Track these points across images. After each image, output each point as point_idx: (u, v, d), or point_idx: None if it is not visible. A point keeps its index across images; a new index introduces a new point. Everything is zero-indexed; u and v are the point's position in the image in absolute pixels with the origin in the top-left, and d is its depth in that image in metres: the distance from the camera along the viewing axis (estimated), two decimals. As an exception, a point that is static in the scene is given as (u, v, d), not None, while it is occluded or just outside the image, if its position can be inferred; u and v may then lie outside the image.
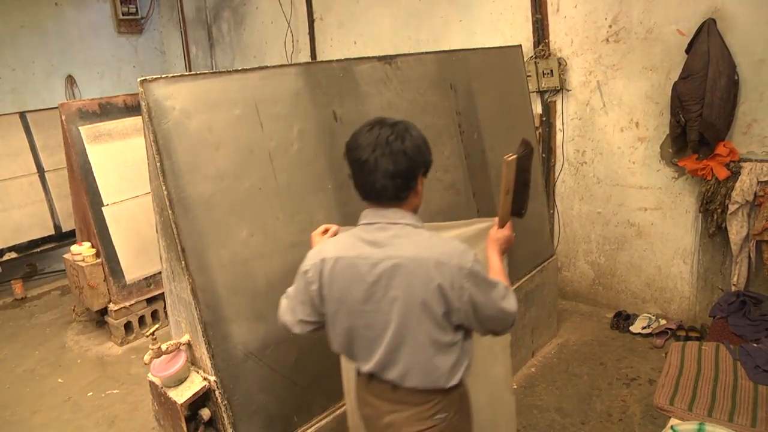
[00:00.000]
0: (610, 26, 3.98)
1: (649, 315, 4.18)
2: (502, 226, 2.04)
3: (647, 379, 3.56)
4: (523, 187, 2.03)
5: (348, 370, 2.22)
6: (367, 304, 1.68)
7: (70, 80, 7.07)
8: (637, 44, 3.88)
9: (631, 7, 3.85)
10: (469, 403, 1.90)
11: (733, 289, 3.66)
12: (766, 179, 3.43)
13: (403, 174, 1.66)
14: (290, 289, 1.85)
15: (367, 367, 1.75)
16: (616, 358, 3.85)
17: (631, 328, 4.12)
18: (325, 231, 2.04)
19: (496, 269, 1.88)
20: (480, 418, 2.03)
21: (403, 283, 1.62)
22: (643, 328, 4.07)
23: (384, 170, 1.64)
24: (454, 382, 1.72)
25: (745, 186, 3.46)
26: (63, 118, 4.37)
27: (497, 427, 2.36)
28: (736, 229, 3.57)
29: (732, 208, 3.54)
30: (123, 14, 7.40)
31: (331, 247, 1.75)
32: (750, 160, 3.51)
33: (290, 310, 1.83)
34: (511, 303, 1.70)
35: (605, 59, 4.07)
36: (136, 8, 7.56)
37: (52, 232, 6.05)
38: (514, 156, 1.95)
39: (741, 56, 3.44)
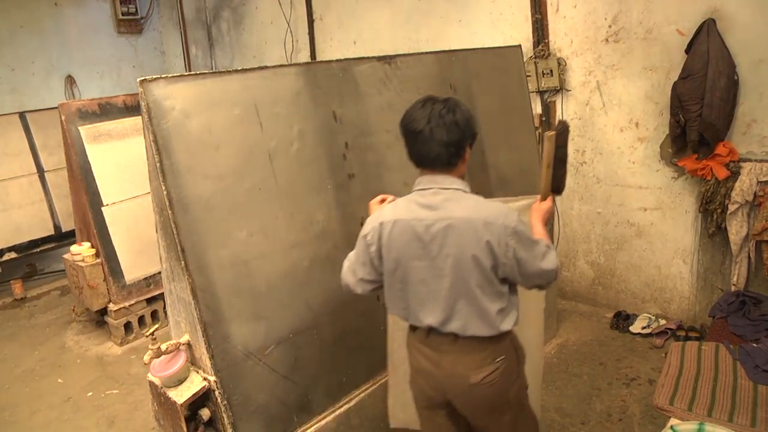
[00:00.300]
0: (610, 26, 3.98)
1: (648, 315, 4.18)
2: (543, 199, 2.21)
3: (647, 379, 3.56)
4: (561, 163, 2.17)
5: (394, 331, 2.41)
6: (422, 261, 1.87)
7: (70, 80, 7.07)
8: (637, 44, 3.88)
9: (630, 7, 3.85)
10: (522, 349, 2.08)
11: (733, 289, 3.66)
12: (765, 179, 3.43)
13: (455, 143, 1.86)
14: (351, 253, 2.05)
15: (427, 321, 1.92)
16: (615, 358, 3.85)
17: (630, 328, 4.12)
18: (382, 200, 2.20)
19: (539, 233, 2.05)
20: None
21: (455, 241, 1.82)
22: (643, 328, 4.07)
23: (438, 140, 1.84)
24: (506, 327, 1.91)
25: (744, 186, 3.46)
26: (62, 118, 4.37)
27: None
28: (736, 229, 3.57)
29: (732, 208, 3.54)
30: (123, 14, 7.40)
31: (389, 211, 1.94)
32: (750, 160, 3.51)
33: (351, 272, 2.03)
34: (551, 260, 1.87)
35: (605, 59, 4.07)
36: (136, 8, 7.56)
37: (51, 232, 6.05)
38: (554, 132, 2.11)
39: (741, 56, 3.44)
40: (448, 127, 1.84)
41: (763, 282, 3.60)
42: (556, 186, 2.19)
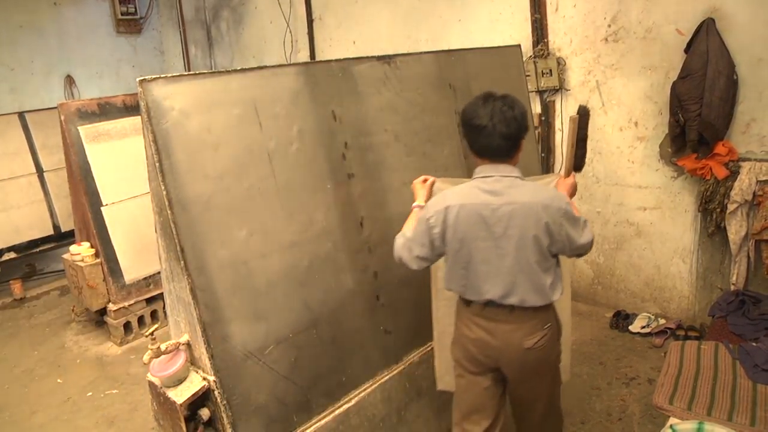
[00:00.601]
0: (609, 26, 3.98)
1: (648, 314, 4.19)
2: (567, 176, 2.44)
3: (646, 379, 3.57)
4: (581, 143, 2.34)
5: (438, 301, 2.65)
6: (487, 241, 2.08)
7: (69, 80, 7.07)
8: (636, 44, 3.88)
9: (630, 7, 3.85)
10: (558, 316, 2.33)
11: (732, 288, 3.66)
12: (765, 178, 3.43)
13: (513, 136, 2.09)
14: (408, 232, 2.23)
15: (488, 296, 2.14)
16: (615, 357, 3.85)
17: (630, 327, 4.12)
18: (425, 180, 2.47)
19: (575, 209, 2.23)
20: None
21: (519, 223, 2.05)
22: (643, 327, 4.08)
23: (500, 133, 2.06)
24: (555, 297, 2.16)
25: (744, 185, 3.47)
26: (62, 118, 4.37)
27: None
28: (735, 229, 3.57)
29: (731, 207, 3.54)
30: (122, 14, 7.41)
31: (454, 196, 2.12)
32: (749, 160, 3.52)
33: (408, 249, 2.21)
34: (590, 233, 2.17)
35: (604, 59, 4.07)
36: (135, 8, 7.56)
37: (51, 232, 6.05)
38: (577, 115, 2.33)
39: (740, 56, 3.44)
40: (509, 122, 2.06)
41: (763, 281, 3.60)
42: (578, 164, 2.37)
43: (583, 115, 2.31)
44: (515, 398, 2.39)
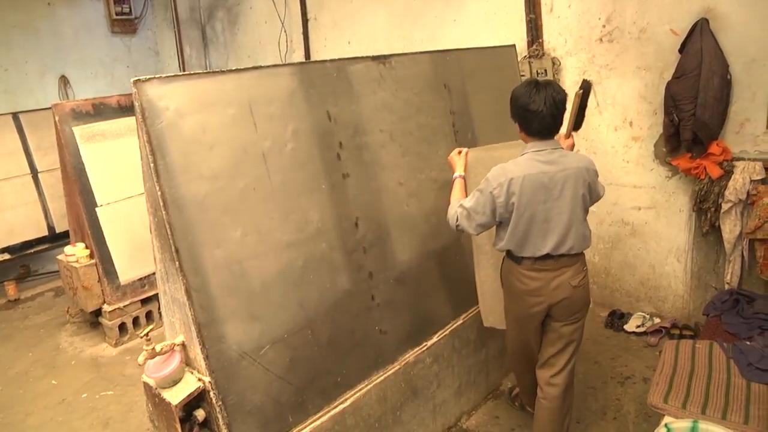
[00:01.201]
0: (604, 26, 3.99)
1: (643, 314, 4.20)
2: (567, 137, 2.88)
3: (642, 378, 3.58)
4: (581, 111, 2.88)
5: (478, 255, 2.94)
6: (546, 203, 2.46)
7: (64, 80, 7.05)
8: (631, 44, 3.89)
9: (624, 7, 3.86)
10: None
11: (727, 287, 3.67)
12: (758, 178, 3.44)
13: (559, 116, 2.48)
14: (466, 202, 2.52)
15: (545, 250, 2.52)
16: (610, 356, 3.86)
17: (625, 326, 4.14)
18: (459, 152, 2.84)
19: None
20: None
21: (571, 185, 2.47)
22: (638, 326, 4.09)
23: (551, 115, 2.44)
24: (590, 243, 2.64)
25: (738, 185, 3.48)
26: (56, 118, 4.36)
27: None
28: (730, 228, 3.58)
29: (725, 206, 3.55)
30: (116, 14, 7.39)
31: (515, 168, 2.45)
32: (743, 159, 3.53)
33: (467, 218, 2.52)
34: (602, 186, 2.74)
35: (599, 59, 4.08)
36: (130, 8, 7.55)
37: (45, 233, 6.03)
38: (581, 91, 2.80)
39: (733, 56, 3.46)
40: (557, 105, 2.44)
41: (757, 280, 3.62)
42: (577, 126, 2.93)
43: (586, 90, 2.81)
44: (554, 339, 2.73)
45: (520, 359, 2.92)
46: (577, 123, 2.92)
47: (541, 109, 2.42)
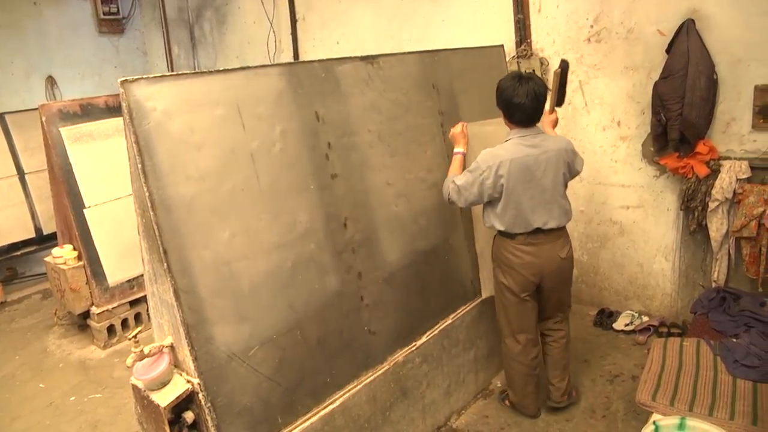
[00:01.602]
0: (592, 26, 4.01)
1: (631, 312, 4.22)
2: (551, 112, 3.14)
3: (630, 376, 3.60)
4: (562, 88, 3.15)
5: (478, 232, 3.29)
6: (531, 183, 2.76)
7: (51, 81, 6.99)
8: (619, 44, 3.92)
9: (612, 8, 3.88)
10: None
11: (714, 285, 3.70)
12: (744, 177, 3.47)
13: (539, 107, 2.78)
14: (459, 180, 2.80)
15: (535, 225, 2.83)
16: (599, 355, 3.88)
17: (614, 325, 4.16)
18: (461, 128, 3.03)
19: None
20: None
21: (552, 165, 2.80)
22: (626, 325, 4.11)
23: (532, 107, 2.73)
24: (571, 216, 2.97)
25: (724, 184, 3.51)
26: (43, 119, 4.32)
27: None
28: (717, 227, 3.61)
29: (712, 205, 3.58)
30: (104, 14, 7.32)
31: (504, 152, 2.74)
32: (729, 158, 3.56)
33: (458, 193, 2.81)
34: (582, 160, 3.06)
35: (587, 59, 4.10)
36: (118, 8, 7.49)
37: (32, 234, 5.98)
38: (559, 69, 3.11)
39: (719, 56, 3.49)
40: (538, 98, 2.73)
41: (743, 278, 3.65)
42: (559, 102, 3.20)
43: (564, 69, 3.12)
44: (549, 303, 3.11)
45: (521, 330, 3.09)
46: (559, 99, 3.20)
47: (524, 102, 2.71)
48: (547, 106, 3.00)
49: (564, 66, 3.15)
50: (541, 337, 3.25)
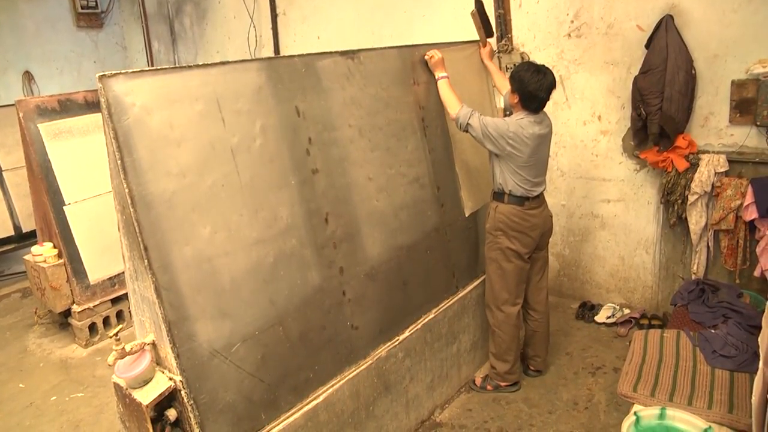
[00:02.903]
0: (572, 21, 4.04)
1: (613, 305, 4.26)
2: (484, 45, 3.63)
3: (612, 368, 3.64)
4: (486, 22, 3.53)
5: (459, 162, 3.47)
6: (538, 154, 3.12)
7: (28, 76, 6.89)
8: (599, 39, 3.95)
9: (592, 3, 3.91)
10: None
11: (693, 277, 3.75)
12: (722, 170, 3.52)
13: (549, 97, 3.07)
14: (486, 118, 3.07)
15: (536, 192, 3.18)
16: (581, 347, 3.92)
17: (595, 318, 4.20)
18: (433, 57, 3.21)
19: (498, 72, 3.72)
20: None
21: (548, 138, 3.18)
22: (608, 317, 4.15)
23: (547, 98, 3.04)
24: None
25: (703, 177, 3.55)
26: (20, 115, 4.26)
27: None
28: (696, 219, 3.66)
29: (691, 198, 3.63)
30: (82, 8, 7.22)
31: (524, 126, 3.03)
32: (708, 152, 3.60)
33: (480, 126, 3.07)
34: None
35: (567, 54, 4.12)
36: (96, 2, 7.39)
37: (11, 233, 5.89)
38: (474, 10, 3.48)
39: (697, 51, 3.53)
40: (551, 87, 3.02)
41: (721, 270, 3.71)
42: (489, 32, 3.57)
43: (479, 9, 3.49)
44: (540, 261, 3.44)
45: (519, 293, 3.36)
46: (488, 32, 3.56)
47: (544, 96, 3.01)
48: (481, 41, 3.56)
49: (478, 6, 3.48)
50: (531, 314, 3.54)
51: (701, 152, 3.63)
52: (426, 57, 3.22)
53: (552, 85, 3.01)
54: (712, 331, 2.96)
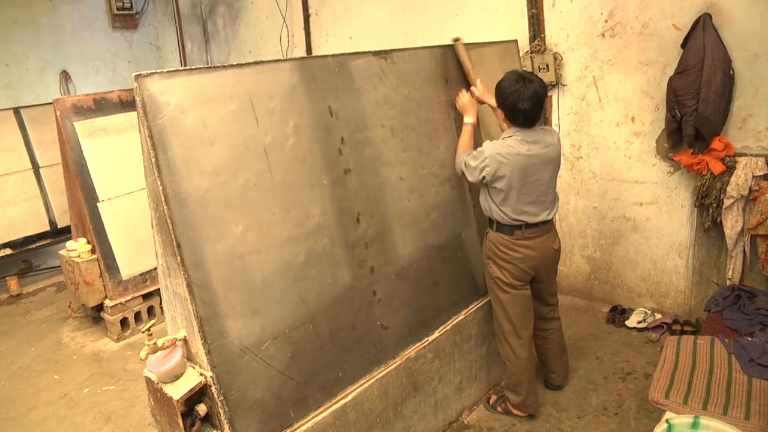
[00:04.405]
0: (606, 21, 3.98)
1: (644, 309, 4.20)
2: (474, 84, 3.15)
3: (643, 374, 3.58)
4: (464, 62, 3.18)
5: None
6: (530, 179, 2.81)
7: (65, 75, 7.06)
8: (633, 39, 3.88)
9: (626, 2, 3.85)
10: None
11: (728, 283, 3.67)
12: (760, 174, 3.44)
13: (540, 108, 2.79)
14: (471, 161, 2.85)
15: (537, 219, 2.90)
16: (611, 352, 3.86)
17: (626, 322, 4.14)
18: (470, 98, 3.09)
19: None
20: None
21: (550, 158, 2.86)
22: (639, 322, 4.09)
23: (535, 110, 2.75)
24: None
25: (740, 180, 3.47)
26: (57, 113, 4.36)
27: None
28: (731, 224, 3.58)
29: (727, 202, 3.55)
30: (117, 9, 7.38)
31: (506, 149, 2.77)
32: (745, 155, 3.52)
33: (470, 173, 2.88)
34: None
35: (601, 54, 4.07)
36: (131, 3, 7.54)
37: (47, 228, 6.04)
38: (460, 39, 3.15)
39: (736, 51, 3.45)
40: (540, 99, 2.75)
41: (758, 276, 3.62)
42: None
43: (456, 47, 3.16)
44: (543, 292, 3.22)
45: (522, 324, 3.09)
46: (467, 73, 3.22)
47: (528, 107, 2.72)
48: (471, 83, 3.15)
49: (455, 45, 3.17)
50: (536, 331, 3.28)
51: (738, 155, 3.55)
52: (457, 100, 3.11)
53: (537, 94, 2.71)
54: (749, 338, 2.88)
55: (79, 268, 4.48)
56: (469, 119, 3.03)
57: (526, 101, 2.70)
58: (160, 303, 3.64)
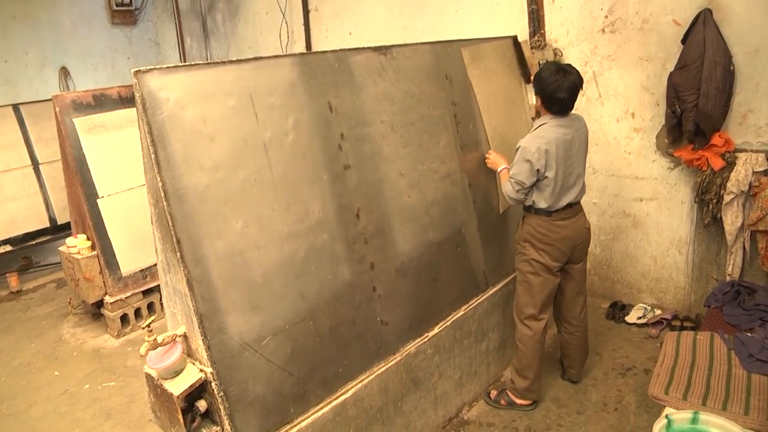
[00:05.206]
0: (606, 16, 3.97)
1: (644, 305, 4.20)
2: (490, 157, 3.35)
3: (642, 369, 3.58)
4: None
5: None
6: (569, 160, 2.98)
7: (64, 72, 7.03)
8: (633, 35, 3.88)
9: (627, -2, 3.84)
10: None
11: (728, 279, 3.67)
12: (761, 169, 3.43)
13: (575, 98, 2.93)
14: (516, 176, 2.96)
15: (568, 200, 3.03)
16: (611, 348, 3.86)
17: (626, 318, 4.14)
18: (491, 155, 3.31)
19: None
20: None
21: (580, 141, 3.03)
22: (639, 318, 4.09)
23: (571, 100, 2.91)
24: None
25: (740, 176, 3.47)
26: (57, 110, 4.35)
27: None
28: (731, 220, 3.58)
29: (727, 198, 3.54)
30: (117, 5, 7.35)
31: (545, 135, 2.91)
32: (745, 151, 3.52)
33: (516, 191, 2.98)
34: None
35: (601, 50, 4.06)
36: (130, -1, 7.51)
37: (47, 224, 6.03)
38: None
39: (736, 46, 3.44)
40: (577, 90, 2.90)
41: (758, 272, 3.62)
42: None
43: None
44: (575, 274, 3.28)
45: (544, 308, 3.20)
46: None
47: (566, 96, 2.87)
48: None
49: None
50: (565, 326, 3.41)
51: (738, 151, 3.55)
52: (486, 161, 3.32)
53: (574, 85, 2.86)
54: (749, 334, 2.88)
55: (79, 265, 4.48)
56: (503, 165, 3.22)
57: (564, 91, 2.84)
58: (160, 299, 3.64)
